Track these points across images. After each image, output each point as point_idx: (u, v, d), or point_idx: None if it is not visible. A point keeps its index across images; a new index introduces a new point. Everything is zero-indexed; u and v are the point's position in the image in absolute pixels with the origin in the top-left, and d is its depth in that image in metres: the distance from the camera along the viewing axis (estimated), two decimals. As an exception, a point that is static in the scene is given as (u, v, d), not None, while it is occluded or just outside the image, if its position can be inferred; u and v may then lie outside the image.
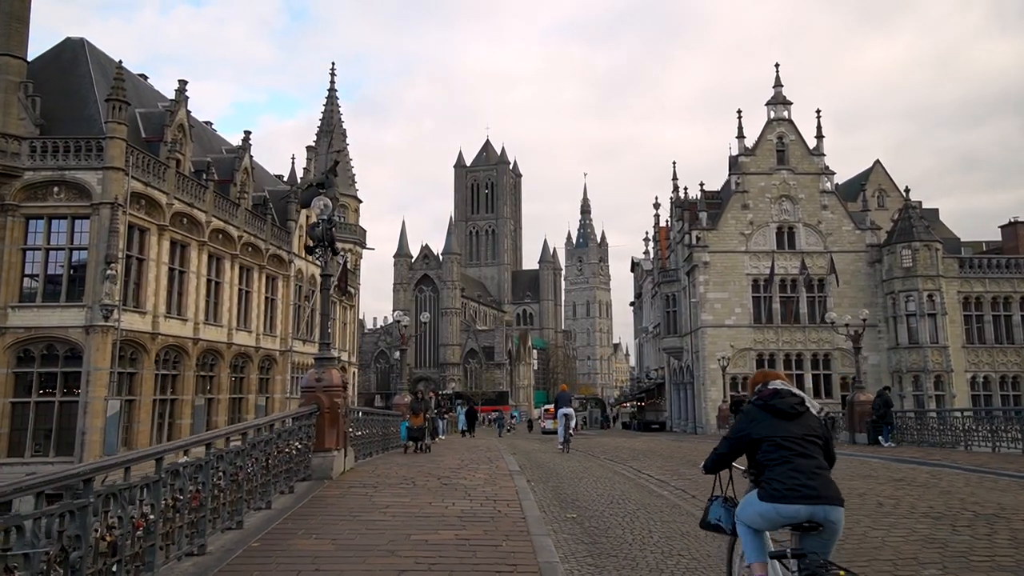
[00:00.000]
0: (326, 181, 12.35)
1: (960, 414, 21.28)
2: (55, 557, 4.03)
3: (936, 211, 53.69)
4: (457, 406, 47.17)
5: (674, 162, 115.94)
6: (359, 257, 53.95)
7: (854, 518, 8.42)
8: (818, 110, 45.24)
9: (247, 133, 37.99)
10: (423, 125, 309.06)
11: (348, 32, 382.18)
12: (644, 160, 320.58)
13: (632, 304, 79.20)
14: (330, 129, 60.26)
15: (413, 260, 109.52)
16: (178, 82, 31.82)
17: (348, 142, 60.68)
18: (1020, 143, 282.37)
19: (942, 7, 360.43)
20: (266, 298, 37.93)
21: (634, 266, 75.83)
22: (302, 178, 46.02)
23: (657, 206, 59.87)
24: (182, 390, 30.03)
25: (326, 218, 11.22)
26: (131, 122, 28.17)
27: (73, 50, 31.39)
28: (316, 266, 29.14)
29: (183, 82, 31.84)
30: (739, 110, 49.13)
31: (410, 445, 18.35)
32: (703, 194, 46.17)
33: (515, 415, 74.09)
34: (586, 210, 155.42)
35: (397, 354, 60.28)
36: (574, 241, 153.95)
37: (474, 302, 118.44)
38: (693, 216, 45.38)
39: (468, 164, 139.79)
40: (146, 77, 37.48)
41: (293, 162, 52.78)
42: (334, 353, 27.57)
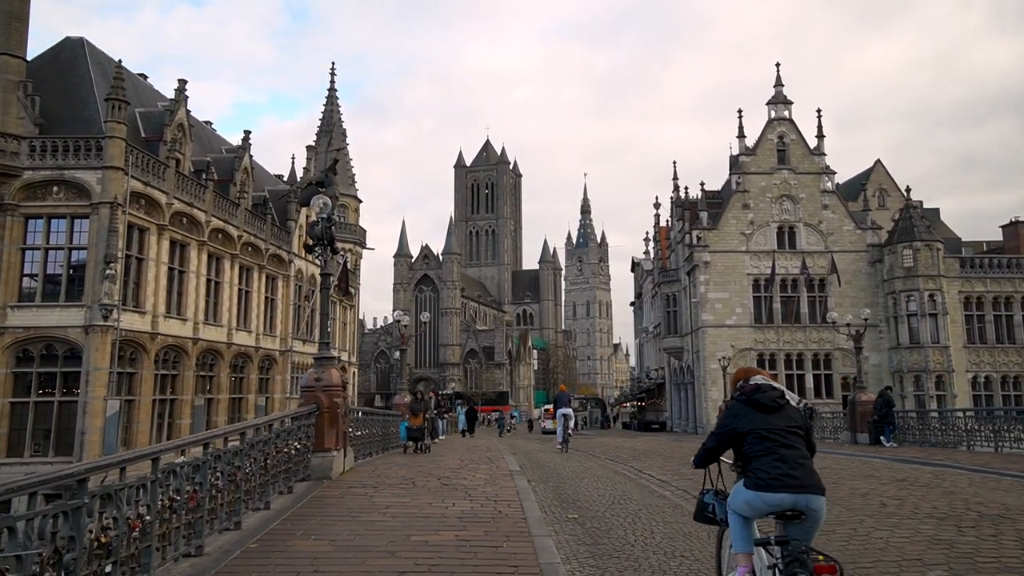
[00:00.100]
0: (326, 179, 12.24)
1: (962, 414, 21.21)
2: (48, 559, 3.97)
3: (937, 211, 53.63)
4: (457, 406, 47.09)
5: (674, 162, 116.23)
6: (359, 257, 53.89)
7: (857, 518, 8.36)
8: (819, 109, 45.32)
9: (247, 133, 37.93)
10: (423, 125, 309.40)
11: (348, 32, 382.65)
12: (644, 160, 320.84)
13: (632, 304, 79.15)
14: (330, 129, 60.27)
15: (413, 260, 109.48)
16: (178, 81, 31.75)
17: (348, 142, 60.66)
18: (1020, 143, 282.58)
19: (942, 7, 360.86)
20: (266, 298, 37.87)
21: (634, 266, 75.76)
22: (302, 177, 45.96)
23: (657, 206, 59.81)
24: (182, 390, 29.97)
25: (325, 216, 11.15)
26: (131, 121, 28.10)
27: (72, 49, 31.30)
28: (316, 266, 29.08)
29: (183, 81, 31.75)
30: (740, 109, 49.24)
31: (410, 445, 18.28)
32: (704, 194, 46.08)
33: (515, 415, 73.94)
34: (586, 210, 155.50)
35: (397, 354, 60.21)
36: (574, 241, 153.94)
37: (474, 302, 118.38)
38: (694, 216, 45.31)
39: (468, 164, 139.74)
40: (146, 77, 37.40)
41: (293, 162, 52.85)
42: (334, 353, 27.49)
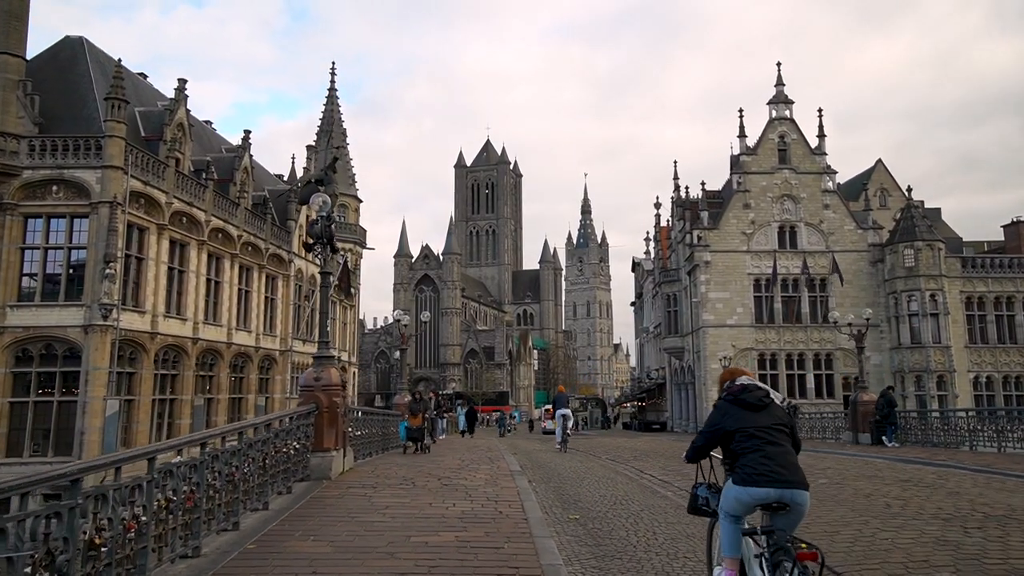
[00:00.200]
0: (325, 178, 12.12)
1: (965, 414, 21.13)
2: (40, 560, 3.89)
3: (938, 210, 53.46)
4: (457, 406, 47.04)
5: (675, 161, 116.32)
6: (359, 257, 53.83)
7: (862, 519, 8.28)
8: (820, 109, 45.26)
9: (247, 132, 37.82)
10: (423, 125, 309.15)
11: (348, 32, 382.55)
12: (644, 160, 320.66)
13: (633, 304, 79.06)
14: (330, 128, 60.25)
15: (413, 260, 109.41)
16: (177, 81, 31.63)
17: (348, 142, 60.62)
18: (1020, 143, 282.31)
19: (942, 7, 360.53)
20: (266, 298, 37.80)
21: (635, 266, 75.65)
22: (301, 176, 45.88)
23: (658, 206, 59.68)
24: (181, 390, 29.89)
25: (325, 215, 11.06)
26: (130, 121, 28.02)
27: (72, 49, 31.22)
28: (316, 265, 29.01)
29: (182, 81, 31.65)
30: (740, 109, 49.24)
31: (410, 446, 18.21)
32: (704, 193, 45.98)
33: (515, 415, 73.87)
34: (586, 210, 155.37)
35: (397, 354, 60.12)
36: (574, 241, 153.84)
37: (474, 302, 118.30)
38: (694, 215, 45.21)
39: (468, 164, 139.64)
40: (145, 76, 37.33)
41: (293, 161, 52.85)
42: (333, 352, 27.42)
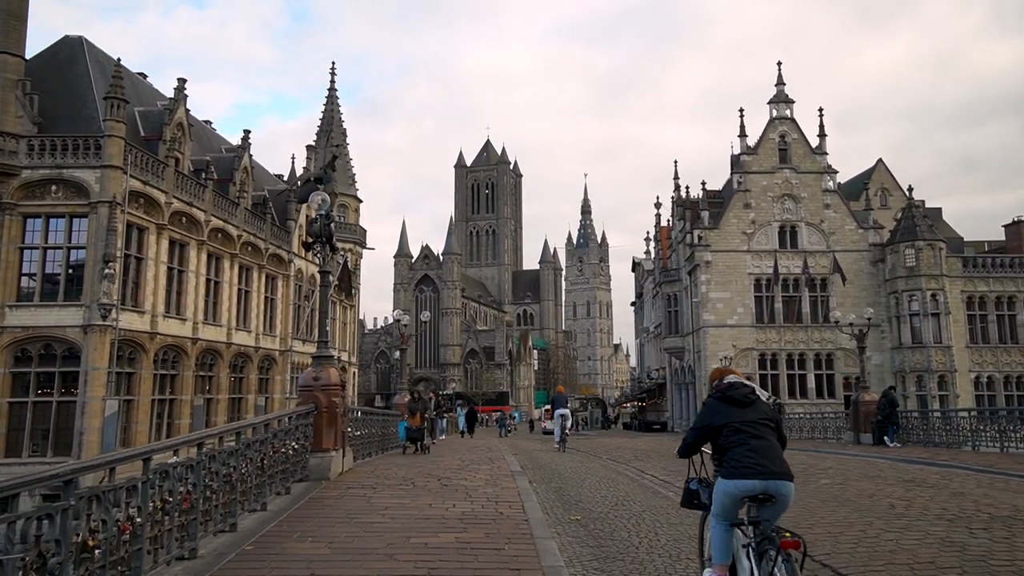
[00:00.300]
0: (324, 176, 12.04)
1: (968, 414, 21.05)
2: (32, 563, 3.81)
3: (939, 210, 53.35)
4: (457, 406, 46.99)
5: (675, 161, 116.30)
6: (359, 257, 53.74)
7: (866, 520, 8.21)
8: (820, 109, 44.88)
9: (246, 132, 37.74)
10: (423, 125, 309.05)
11: (349, 33, 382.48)
12: (644, 160, 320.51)
13: (633, 304, 78.96)
14: (330, 128, 60.19)
15: (413, 260, 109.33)
16: (177, 80, 31.52)
17: (348, 142, 60.54)
18: (1020, 143, 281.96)
19: (942, 7, 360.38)
20: (266, 298, 37.72)
21: (635, 266, 75.56)
22: (300, 175, 45.79)
23: (658, 205, 59.57)
24: (181, 390, 29.81)
25: (324, 213, 10.99)
26: (130, 120, 27.95)
27: (71, 48, 31.14)
28: (315, 265, 28.92)
29: (182, 80, 31.55)
30: (741, 108, 49.17)
31: (409, 446, 18.13)
32: (705, 193, 45.87)
33: (515, 415, 73.76)
34: (586, 210, 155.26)
35: (397, 354, 60.04)
36: (574, 241, 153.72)
37: (474, 302, 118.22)
38: (695, 215, 45.12)
39: (468, 164, 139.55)
40: (145, 76, 37.26)
41: (293, 161, 52.72)
42: (333, 352, 27.35)
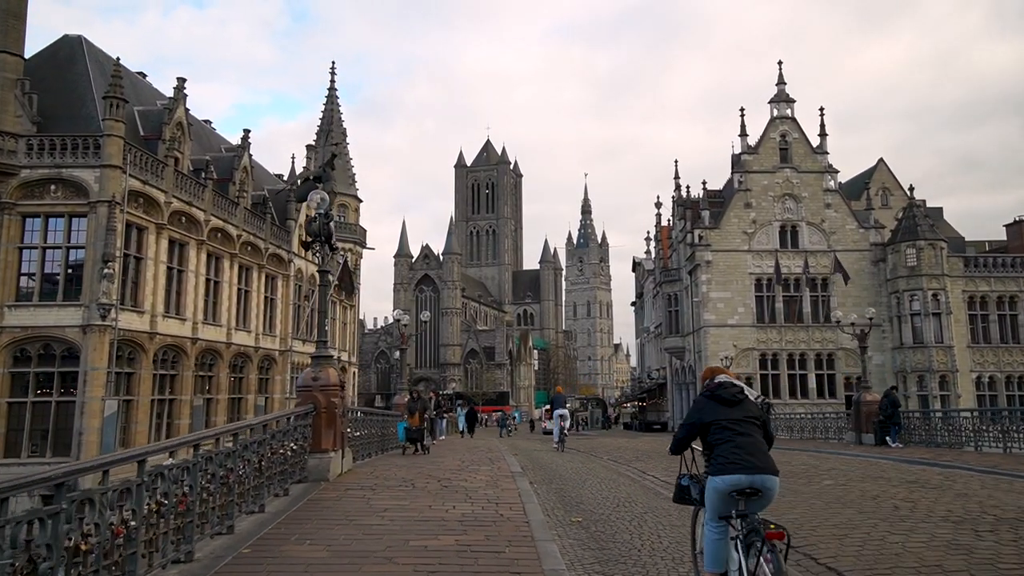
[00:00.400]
0: (323, 175, 11.96)
1: (971, 414, 20.95)
2: (22, 568, 3.73)
3: (940, 210, 53.25)
4: (457, 407, 46.90)
5: (676, 160, 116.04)
6: (359, 257, 53.67)
7: (870, 522, 8.12)
8: (821, 108, 44.81)
9: (246, 132, 37.65)
10: (423, 125, 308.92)
11: (349, 33, 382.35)
12: (644, 160, 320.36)
13: (633, 304, 78.85)
14: (330, 128, 60.14)
15: (414, 260, 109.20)
16: (176, 80, 31.46)
17: (348, 141, 60.49)
18: (1020, 143, 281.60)
19: (942, 7, 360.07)
20: (265, 297, 37.63)
21: (635, 266, 75.46)
22: (300, 173, 45.69)
23: (659, 205, 59.43)
24: (180, 390, 29.74)
25: (323, 212, 10.90)
26: (129, 120, 27.86)
27: (71, 47, 31.05)
28: (315, 264, 28.86)
29: (181, 80, 31.47)
30: (742, 108, 49.02)
31: (409, 446, 18.05)
32: (705, 192, 45.78)
33: (515, 415, 73.65)
34: (587, 210, 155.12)
35: (397, 354, 59.99)
36: (575, 241, 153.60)
37: (475, 302, 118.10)
38: (695, 215, 45.03)
39: (469, 164, 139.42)
40: (144, 75, 37.17)
41: (293, 161, 52.66)
42: (332, 352, 27.26)
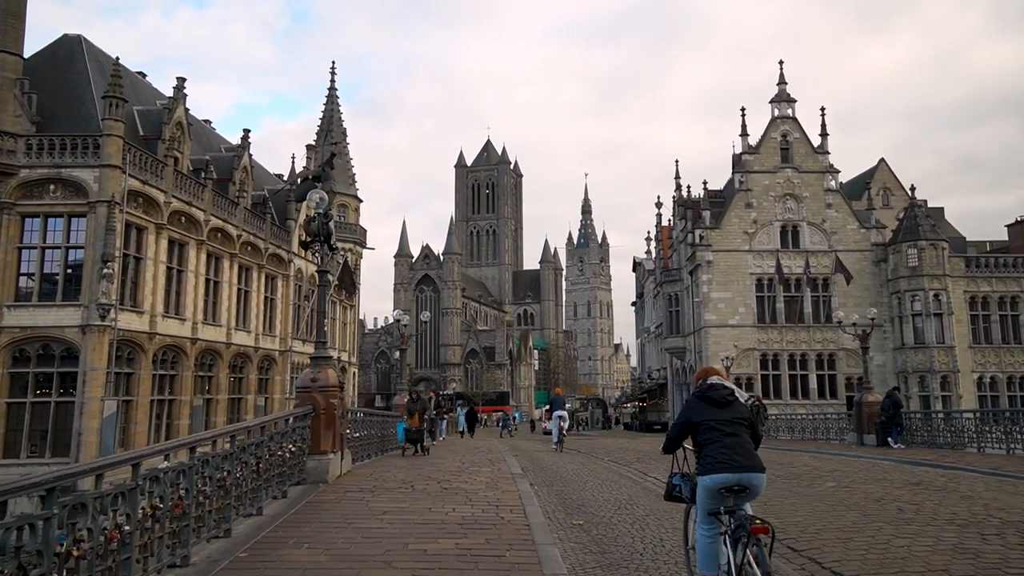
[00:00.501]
0: (322, 174, 11.89)
1: (973, 415, 20.86)
2: (11, 576, 3.65)
3: (941, 210, 53.14)
4: (457, 407, 46.82)
5: (676, 160, 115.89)
6: (359, 257, 53.57)
7: (875, 525, 8.03)
8: (822, 108, 44.61)
9: (246, 131, 37.58)
10: (424, 126, 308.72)
11: (349, 33, 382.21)
12: (645, 160, 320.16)
13: (634, 304, 78.75)
14: (330, 128, 60.06)
15: (414, 260, 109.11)
16: (176, 79, 31.39)
17: (348, 141, 60.39)
18: (1020, 143, 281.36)
19: (942, 7, 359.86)
20: (265, 298, 37.56)
21: (636, 266, 75.37)
22: (299, 173, 45.60)
23: (659, 205, 59.32)
24: (180, 390, 29.66)
25: (322, 212, 10.83)
26: (129, 120, 27.79)
27: (70, 47, 30.98)
28: (315, 264, 28.76)
29: (181, 79, 31.38)
30: (743, 107, 48.90)
31: (408, 447, 17.96)
32: (706, 192, 45.68)
33: (516, 416, 73.56)
34: (587, 210, 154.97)
35: (397, 354, 59.91)
36: (575, 241, 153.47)
37: (475, 302, 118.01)
38: (696, 215, 44.92)
39: (469, 164, 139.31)
40: (144, 75, 37.10)
41: (293, 161, 52.61)
42: (332, 353, 27.19)
